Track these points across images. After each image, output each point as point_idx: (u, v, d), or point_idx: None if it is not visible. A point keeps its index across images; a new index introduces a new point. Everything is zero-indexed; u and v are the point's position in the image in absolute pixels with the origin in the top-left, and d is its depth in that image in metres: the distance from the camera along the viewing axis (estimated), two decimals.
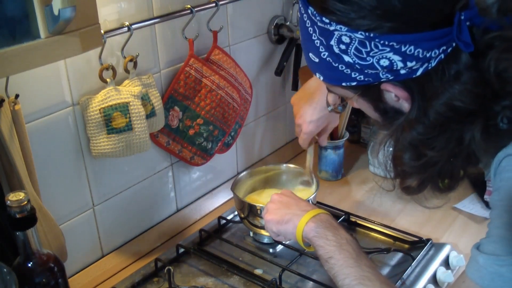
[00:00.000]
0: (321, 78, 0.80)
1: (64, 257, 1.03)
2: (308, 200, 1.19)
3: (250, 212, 1.24)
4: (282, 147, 1.69)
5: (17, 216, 0.84)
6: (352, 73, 0.74)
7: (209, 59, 1.29)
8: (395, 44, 0.69)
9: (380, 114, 0.81)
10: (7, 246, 0.93)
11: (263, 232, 1.25)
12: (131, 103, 1.08)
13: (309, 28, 0.75)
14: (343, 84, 0.77)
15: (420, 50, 0.69)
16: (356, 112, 1.70)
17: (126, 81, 1.12)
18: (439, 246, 1.22)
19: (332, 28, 0.71)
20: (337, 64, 0.74)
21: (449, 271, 1.17)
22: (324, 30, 0.72)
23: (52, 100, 1.03)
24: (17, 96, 0.92)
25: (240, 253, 1.26)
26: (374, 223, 1.33)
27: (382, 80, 0.73)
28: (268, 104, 1.59)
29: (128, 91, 1.09)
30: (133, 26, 1.08)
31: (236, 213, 1.42)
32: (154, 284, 1.18)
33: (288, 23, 1.52)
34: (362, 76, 0.74)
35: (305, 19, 0.76)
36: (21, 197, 0.84)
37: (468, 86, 0.69)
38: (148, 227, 1.30)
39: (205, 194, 1.45)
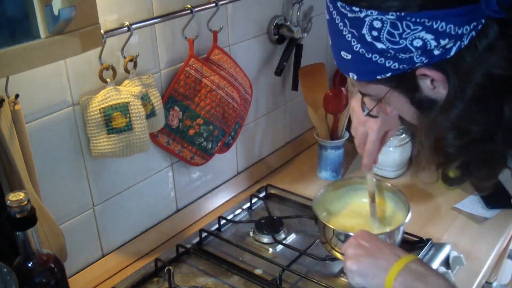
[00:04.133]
0: (355, 77, 0.79)
1: (64, 257, 1.03)
2: (399, 229, 1.11)
3: (333, 238, 1.13)
4: (282, 147, 1.69)
5: (17, 216, 0.84)
6: (386, 62, 0.74)
7: (209, 59, 1.29)
8: (426, 21, 0.68)
9: (416, 107, 0.80)
10: (7, 246, 0.93)
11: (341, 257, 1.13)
12: (131, 103, 1.08)
13: (339, 24, 0.75)
14: (378, 77, 0.76)
15: (452, 26, 0.69)
16: None
17: (126, 81, 1.12)
18: (439, 246, 1.22)
19: (362, 14, 0.71)
20: (370, 55, 0.74)
21: (449, 271, 1.17)
22: (354, 20, 0.72)
23: (52, 100, 1.03)
24: (17, 96, 0.92)
25: (240, 253, 1.26)
26: None
27: (417, 64, 0.73)
28: (268, 104, 1.59)
29: (128, 91, 1.09)
30: (133, 26, 1.08)
31: (236, 212, 1.42)
32: (154, 284, 1.18)
33: (288, 23, 1.52)
34: (396, 64, 0.73)
35: (334, 15, 0.76)
36: (21, 197, 0.84)
37: (504, 52, 0.69)
38: (148, 227, 1.30)
39: (205, 194, 1.44)
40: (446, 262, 1.20)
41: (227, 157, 1.48)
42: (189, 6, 1.20)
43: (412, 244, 1.25)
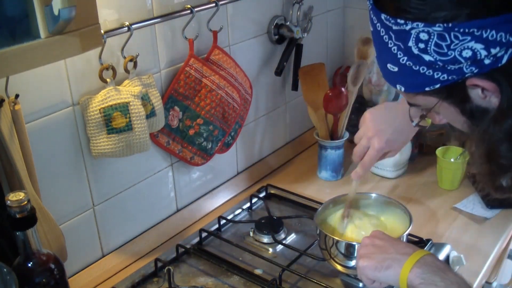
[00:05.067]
0: (402, 89, 0.77)
1: (64, 257, 1.03)
2: (401, 238, 1.10)
3: (339, 252, 1.11)
4: (282, 147, 1.69)
5: (17, 216, 0.84)
6: (435, 74, 0.71)
7: (209, 59, 1.29)
8: (475, 30, 0.66)
9: (467, 117, 0.77)
10: (7, 246, 0.93)
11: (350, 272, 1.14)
12: (131, 103, 1.08)
13: (384, 37, 0.73)
14: (426, 89, 0.74)
15: (503, 34, 0.66)
16: (356, 112, 1.70)
17: (126, 81, 1.12)
18: (439, 246, 1.22)
19: (408, 27, 0.69)
20: (417, 67, 0.72)
21: None
22: (400, 32, 0.70)
23: (52, 100, 1.03)
24: (17, 96, 0.92)
25: (240, 253, 1.26)
26: None
27: (466, 75, 0.70)
28: (268, 104, 1.59)
29: (128, 91, 1.09)
30: (133, 26, 1.08)
31: (236, 212, 1.42)
32: (154, 284, 1.18)
33: (288, 23, 1.52)
34: (445, 75, 0.71)
35: (379, 28, 0.74)
36: (21, 197, 0.84)
37: None
38: (148, 227, 1.30)
39: (205, 194, 1.44)
40: (446, 262, 1.19)
41: (227, 157, 1.48)
42: (189, 6, 1.20)
43: (413, 244, 1.25)
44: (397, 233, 1.13)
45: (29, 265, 0.88)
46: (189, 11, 1.20)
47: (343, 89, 1.48)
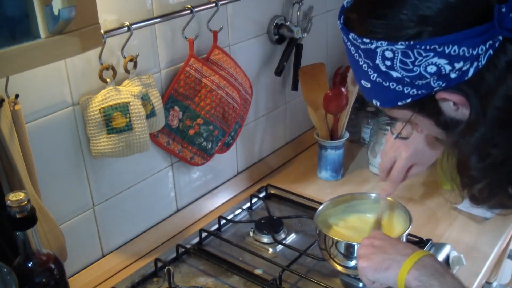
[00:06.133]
0: (378, 103, 0.79)
1: (64, 257, 1.03)
2: (401, 238, 1.09)
3: (339, 252, 1.11)
4: (282, 147, 1.69)
5: (17, 216, 0.84)
6: (404, 89, 0.73)
7: (209, 59, 1.29)
8: (437, 47, 0.68)
9: (442, 129, 0.79)
10: (7, 246, 0.93)
11: (349, 271, 1.14)
12: (131, 103, 1.08)
13: (355, 55, 0.75)
14: (399, 103, 0.76)
15: (465, 49, 0.67)
16: (356, 112, 1.70)
17: (126, 81, 1.12)
18: (439, 246, 1.22)
19: (373, 46, 0.71)
20: (387, 83, 0.74)
21: None
22: (367, 51, 0.72)
23: (52, 100, 1.03)
24: (17, 96, 0.92)
25: (240, 253, 1.26)
26: None
27: (435, 89, 0.72)
28: (268, 104, 1.59)
29: (128, 91, 1.09)
30: (133, 26, 1.08)
31: (236, 212, 1.42)
32: (154, 284, 1.18)
33: (288, 23, 1.52)
34: (414, 90, 0.73)
35: (350, 46, 0.76)
36: (21, 197, 0.84)
37: None
38: (148, 227, 1.30)
39: (205, 194, 1.45)
40: (446, 262, 1.19)
41: (227, 157, 1.48)
42: (189, 6, 1.20)
43: (413, 244, 1.25)
44: (397, 233, 1.13)
45: (29, 265, 0.88)
46: (189, 11, 1.20)
47: (343, 89, 1.48)
